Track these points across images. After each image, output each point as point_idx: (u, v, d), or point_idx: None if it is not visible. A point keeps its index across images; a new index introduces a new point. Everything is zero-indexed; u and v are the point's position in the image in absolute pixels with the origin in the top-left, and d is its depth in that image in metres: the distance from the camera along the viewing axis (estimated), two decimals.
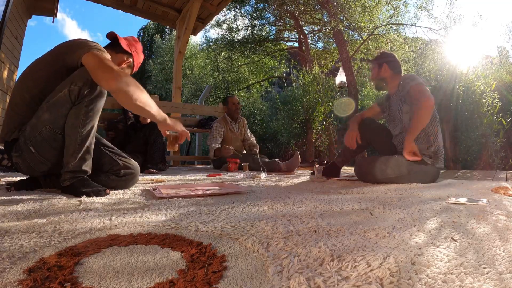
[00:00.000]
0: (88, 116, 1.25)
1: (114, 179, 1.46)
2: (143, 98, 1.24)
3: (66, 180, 1.26)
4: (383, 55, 2.11)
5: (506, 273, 0.48)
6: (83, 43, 1.27)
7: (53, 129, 1.24)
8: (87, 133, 1.26)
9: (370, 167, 1.88)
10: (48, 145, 1.26)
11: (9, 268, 0.50)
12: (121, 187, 1.49)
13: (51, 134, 1.24)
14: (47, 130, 1.23)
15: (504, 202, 1.13)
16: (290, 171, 3.05)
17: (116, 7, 4.98)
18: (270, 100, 10.12)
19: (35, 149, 1.25)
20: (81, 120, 1.23)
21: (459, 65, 3.90)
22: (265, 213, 0.94)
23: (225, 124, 3.53)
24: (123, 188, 1.50)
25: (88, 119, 1.25)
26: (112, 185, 1.45)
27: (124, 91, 1.18)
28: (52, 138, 1.25)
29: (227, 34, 12.28)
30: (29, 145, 1.25)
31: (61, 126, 1.24)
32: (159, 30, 20.42)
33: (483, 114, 3.54)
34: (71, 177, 1.26)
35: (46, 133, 1.24)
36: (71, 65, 1.25)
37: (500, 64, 5.00)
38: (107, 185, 1.41)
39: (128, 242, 0.64)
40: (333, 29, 7.71)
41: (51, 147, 1.27)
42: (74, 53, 1.24)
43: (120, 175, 1.46)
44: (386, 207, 1.02)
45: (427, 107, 1.75)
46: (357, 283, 0.45)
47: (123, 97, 1.20)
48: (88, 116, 1.25)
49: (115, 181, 1.46)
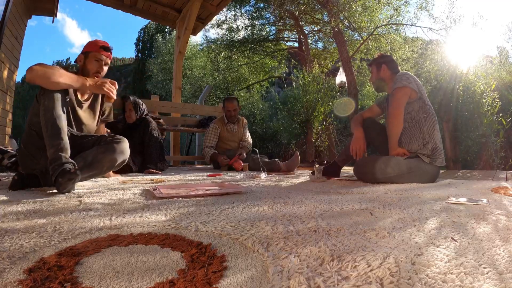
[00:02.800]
0: (45, 106, 1.44)
1: (102, 145, 1.62)
2: (54, 75, 1.45)
3: (51, 175, 1.33)
4: (381, 56, 2.15)
5: (506, 273, 0.48)
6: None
7: (29, 125, 1.55)
8: (47, 120, 1.42)
9: (370, 167, 1.88)
10: (28, 140, 1.57)
11: (9, 268, 0.50)
12: (109, 153, 1.60)
13: (28, 131, 1.56)
14: (27, 129, 1.56)
15: (504, 202, 1.13)
16: (290, 171, 3.05)
17: (116, 7, 4.98)
18: (270, 100, 10.13)
19: (23, 145, 1.61)
20: (41, 110, 1.44)
21: (459, 65, 3.90)
22: (265, 213, 0.94)
23: (222, 124, 3.54)
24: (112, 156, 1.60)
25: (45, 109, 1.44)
26: (100, 152, 1.59)
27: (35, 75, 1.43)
28: (29, 134, 1.55)
29: (227, 34, 12.28)
30: (21, 144, 1.63)
31: (34, 122, 1.52)
32: (159, 30, 20.44)
33: (483, 114, 3.53)
34: (52, 169, 1.33)
35: (27, 132, 1.57)
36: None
37: (500, 64, 5.00)
38: (97, 155, 1.56)
39: (128, 242, 0.64)
40: (333, 29, 7.72)
41: (31, 142, 1.57)
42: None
43: (108, 142, 1.64)
44: (386, 207, 1.02)
45: (394, 115, 1.88)
46: (357, 283, 0.45)
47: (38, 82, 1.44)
48: (45, 106, 1.44)
49: (103, 147, 1.61)
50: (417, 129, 1.89)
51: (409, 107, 1.93)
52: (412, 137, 1.91)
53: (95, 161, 1.56)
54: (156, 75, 15.59)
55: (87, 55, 1.75)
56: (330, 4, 7.87)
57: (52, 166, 1.33)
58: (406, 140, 1.93)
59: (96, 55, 1.74)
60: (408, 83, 1.88)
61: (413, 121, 1.91)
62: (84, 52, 1.76)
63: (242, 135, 3.65)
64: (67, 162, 1.35)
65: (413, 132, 1.91)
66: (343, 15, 8.07)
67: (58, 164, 1.32)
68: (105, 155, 1.59)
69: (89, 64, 1.73)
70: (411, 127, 1.91)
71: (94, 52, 1.75)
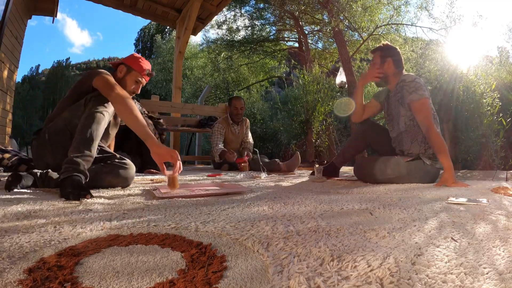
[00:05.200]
0: (91, 112, 1.43)
1: (109, 165, 1.56)
2: (137, 113, 1.43)
3: (61, 173, 1.30)
4: (389, 48, 1.98)
5: (506, 273, 0.48)
6: (94, 72, 1.59)
7: (66, 124, 1.51)
8: (86, 125, 1.41)
9: (369, 167, 1.87)
10: (58, 136, 1.52)
11: (9, 268, 0.50)
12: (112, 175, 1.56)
13: (63, 127, 1.52)
14: (61, 124, 1.52)
15: (504, 202, 1.13)
16: (290, 171, 3.05)
17: (116, 7, 4.98)
18: (270, 100, 10.12)
19: (48, 136, 1.54)
20: (86, 113, 1.45)
21: (459, 65, 3.89)
22: (265, 213, 0.94)
23: (226, 125, 3.52)
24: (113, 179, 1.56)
25: (88, 115, 1.44)
26: (104, 172, 1.54)
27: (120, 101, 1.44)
28: (62, 131, 1.51)
29: (227, 35, 12.27)
30: (45, 132, 1.55)
31: (73, 124, 1.47)
32: (159, 30, 20.43)
33: (483, 114, 3.53)
34: (65, 168, 1.30)
35: (60, 126, 1.52)
36: (87, 90, 1.56)
37: (500, 64, 4.99)
38: (100, 173, 1.51)
39: (128, 242, 0.64)
40: (333, 29, 7.71)
41: (60, 138, 1.52)
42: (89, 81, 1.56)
43: (114, 164, 1.58)
44: (386, 207, 1.02)
45: (431, 133, 1.74)
46: (357, 283, 0.45)
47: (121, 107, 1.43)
48: (91, 112, 1.43)
49: (108, 167, 1.56)
50: (419, 132, 1.86)
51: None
52: (414, 140, 1.89)
53: (96, 177, 1.51)
54: (156, 75, 15.59)
55: (130, 70, 1.73)
56: (330, 4, 7.86)
57: (66, 166, 1.30)
58: (408, 143, 1.91)
59: (138, 76, 1.74)
60: (423, 91, 1.81)
61: (415, 124, 1.87)
62: (128, 66, 1.73)
63: (244, 136, 3.65)
64: (81, 172, 1.30)
65: (415, 135, 1.88)
66: (343, 15, 8.07)
67: (74, 168, 1.29)
68: (108, 176, 1.54)
69: (129, 80, 1.73)
70: (413, 130, 1.88)
71: (138, 72, 1.73)
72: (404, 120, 1.90)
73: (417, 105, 1.80)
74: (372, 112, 2.17)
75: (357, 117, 2.15)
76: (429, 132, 1.75)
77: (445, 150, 1.72)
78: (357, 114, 2.15)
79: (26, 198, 1.15)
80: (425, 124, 1.78)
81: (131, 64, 1.73)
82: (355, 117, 2.17)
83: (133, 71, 1.73)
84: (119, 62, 1.76)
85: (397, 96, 1.93)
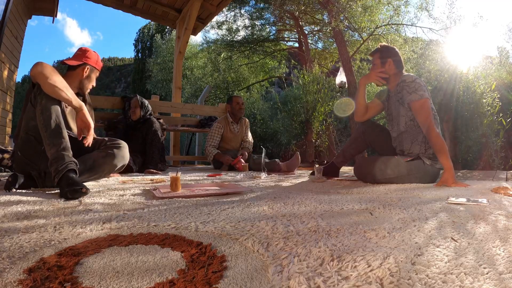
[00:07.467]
0: (42, 105, 1.40)
1: (103, 149, 1.61)
2: (58, 81, 1.41)
3: (54, 176, 1.30)
4: (388, 49, 1.98)
5: (506, 273, 0.48)
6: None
7: (26, 132, 1.49)
8: (46, 119, 1.38)
9: (369, 167, 1.87)
10: (27, 146, 1.51)
11: (9, 268, 0.50)
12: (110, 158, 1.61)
13: (26, 137, 1.50)
14: (24, 135, 1.50)
15: (504, 202, 1.13)
16: (290, 171, 3.05)
17: (116, 7, 4.98)
18: (270, 100, 10.12)
19: (21, 152, 1.53)
20: (38, 110, 1.40)
21: (459, 65, 3.89)
22: (265, 213, 0.94)
23: (226, 124, 3.52)
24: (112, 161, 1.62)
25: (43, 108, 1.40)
26: (101, 156, 1.58)
27: (39, 72, 1.38)
28: (28, 140, 1.50)
29: (227, 35, 12.27)
30: (16, 151, 1.54)
31: (31, 127, 1.46)
32: (159, 30, 20.40)
33: (483, 114, 3.53)
34: (55, 170, 1.30)
35: (24, 138, 1.51)
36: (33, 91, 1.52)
37: (500, 64, 5.00)
38: (97, 159, 1.55)
39: (128, 242, 0.64)
40: (333, 29, 7.72)
41: (29, 148, 1.50)
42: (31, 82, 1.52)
43: (108, 146, 1.63)
44: (386, 207, 1.02)
45: (431, 134, 1.74)
46: (357, 283, 0.45)
47: (40, 79, 1.38)
48: (42, 105, 1.40)
49: (103, 151, 1.60)
50: (419, 132, 1.86)
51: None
52: (414, 141, 1.88)
53: (95, 165, 1.56)
54: (156, 75, 15.58)
55: (93, 70, 1.74)
56: (330, 4, 7.87)
57: (55, 167, 1.30)
58: (408, 143, 1.91)
59: (97, 74, 1.77)
60: (423, 92, 1.80)
61: (415, 124, 1.87)
62: (91, 66, 1.73)
63: (244, 135, 3.65)
64: (70, 162, 1.33)
65: (416, 135, 1.87)
66: (343, 16, 8.07)
67: (61, 164, 1.30)
68: (106, 159, 1.59)
69: (92, 80, 1.76)
70: (413, 130, 1.88)
71: (98, 71, 1.77)
72: (405, 120, 1.90)
73: (417, 106, 1.80)
74: (375, 111, 2.16)
75: (360, 116, 2.16)
76: (429, 133, 1.75)
77: (445, 150, 1.71)
78: (359, 114, 2.15)
79: (26, 198, 1.15)
80: (425, 124, 1.78)
81: (94, 63, 1.76)
82: (358, 116, 2.17)
83: (95, 70, 1.77)
84: (80, 62, 1.72)
85: (397, 96, 1.93)
